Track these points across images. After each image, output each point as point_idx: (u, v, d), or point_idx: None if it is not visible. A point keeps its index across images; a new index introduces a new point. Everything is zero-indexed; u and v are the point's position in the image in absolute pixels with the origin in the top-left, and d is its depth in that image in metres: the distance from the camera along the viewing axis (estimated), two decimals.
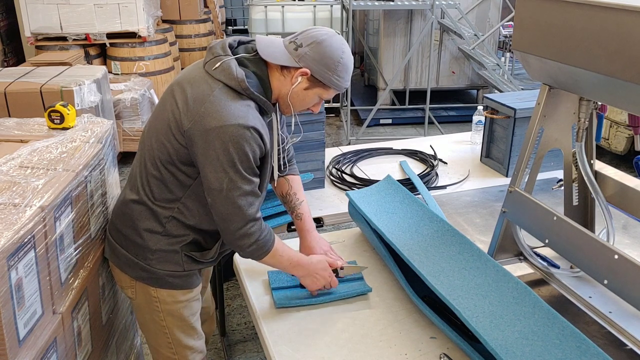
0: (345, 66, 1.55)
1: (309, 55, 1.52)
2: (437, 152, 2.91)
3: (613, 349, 1.53)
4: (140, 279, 1.67)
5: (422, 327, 1.62)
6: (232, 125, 1.45)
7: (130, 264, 1.66)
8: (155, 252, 1.63)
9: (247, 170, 1.50)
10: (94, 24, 5.52)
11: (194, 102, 1.49)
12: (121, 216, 1.67)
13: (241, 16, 10.29)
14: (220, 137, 1.45)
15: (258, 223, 1.56)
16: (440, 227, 1.81)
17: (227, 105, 1.47)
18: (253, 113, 1.50)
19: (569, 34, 1.44)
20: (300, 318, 1.67)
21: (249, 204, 1.52)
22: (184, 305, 1.71)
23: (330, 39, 1.53)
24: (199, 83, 1.53)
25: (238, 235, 1.54)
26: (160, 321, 1.72)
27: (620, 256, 1.42)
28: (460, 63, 6.60)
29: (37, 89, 3.58)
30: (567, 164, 1.84)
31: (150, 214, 1.61)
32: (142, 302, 1.72)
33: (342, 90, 1.62)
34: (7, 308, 1.22)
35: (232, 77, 1.50)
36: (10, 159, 1.61)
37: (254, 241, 1.56)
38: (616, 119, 4.83)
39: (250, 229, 1.54)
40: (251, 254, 1.60)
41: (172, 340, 1.75)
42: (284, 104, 1.61)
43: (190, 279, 1.70)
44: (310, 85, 1.56)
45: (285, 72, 1.56)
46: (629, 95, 1.37)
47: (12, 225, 1.27)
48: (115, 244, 1.70)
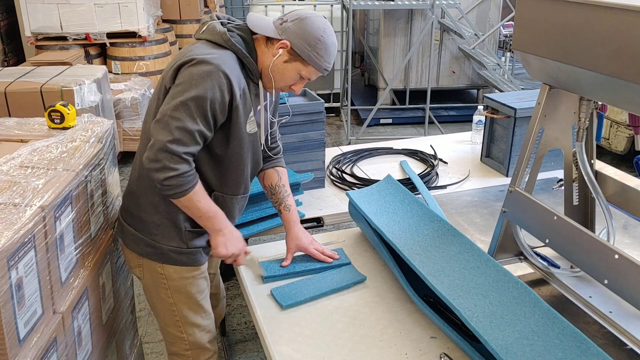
0: (325, 45, 1.60)
1: (291, 29, 1.59)
2: (438, 152, 2.91)
3: (613, 349, 1.53)
4: (146, 255, 1.71)
5: (422, 327, 1.62)
6: (205, 61, 1.50)
7: (136, 240, 1.71)
8: (159, 227, 1.67)
9: (197, 110, 1.49)
10: (94, 23, 5.52)
11: (176, 59, 1.57)
12: (128, 195, 1.74)
13: (241, 16, 10.30)
14: (190, 69, 1.50)
15: (184, 162, 1.50)
16: (441, 226, 1.81)
17: (205, 50, 1.54)
18: (231, 62, 1.55)
19: (569, 34, 1.44)
20: (300, 318, 1.67)
21: (182, 141, 1.48)
22: (190, 281, 1.74)
23: (313, 18, 1.61)
24: (185, 47, 1.63)
25: (160, 166, 1.48)
26: (168, 298, 1.75)
27: (620, 256, 1.42)
28: (461, 63, 6.60)
29: (37, 88, 3.58)
30: (567, 163, 1.84)
31: (152, 187, 1.63)
32: (149, 281, 1.75)
33: (322, 72, 1.66)
34: (7, 308, 1.22)
35: (214, 32, 1.58)
36: (11, 158, 1.61)
37: (172, 175, 1.49)
38: (616, 118, 4.82)
39: (172, 164, 1.48)
40: (168, 190, 1.53)
41: (180, 318, 1.77)
42: (266, 77, 1.66)
43: (194, 256, 1.72)
44: (289, 58, 1.62)
45: (269, 44, 1.63)
46: (629, 95, 1.36)
47: (12, 225, 1.27)
48: (123, 222, 1.76)
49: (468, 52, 6.19)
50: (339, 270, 1.87)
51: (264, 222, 2.20)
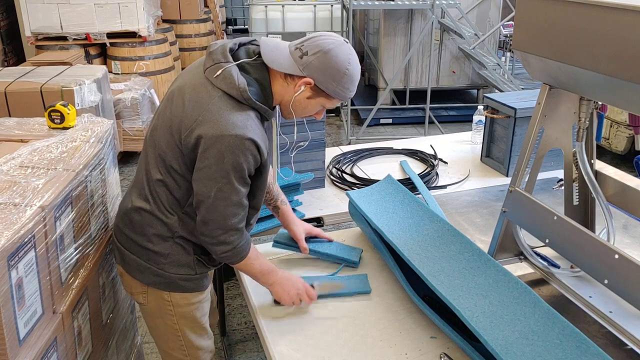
0: (350, 77, 1.51)
1: (314, 64, 1.48)
2: (438, 152, 2.91)
3: (613, 349, 1.53)
4: (152, 284, 1.65)
5: (422, 327, 1.62)
6: (230, 135, 1.42)
7: (142, 269, 1.64)
8: (168, 257, 1.62)
9: (238, 181, 1.47)
10: (94, 23, 5.52)
11: (192, 109, 1.47)
12: (129, 223, 1.64)
13: (241, 16, 10.30)
14: (217, 146, 1.42)
15: (238, 233, 1.55)
16: (441, 226, 1.81)
17: (226, 114, 1.44)
18: (252, 124, 1.46)
19: (569, 34, 1.44)
20: (300, 318, 1.67)
21: (233, 214, 1.51)
22: (196, 306, 1.71)
23: (337, 49, 1.48)
24: (199, 90, 1.49)
25: (215, 241, 1.53)
26: (173, 324, 1.71)
27: (620, 256, 1.42)
28: (461, 63, 6.60)
29: (38, 88, 3.58)
30: (567, 163, 1.84)
31: (159, 220, 1.59)
32: (154, 307, 1.70)
33: (347, 100, 1.60)
34: (8, 308, 1.22)
35: (233, 87, 1.46)
36: (11, 158, 1.61)
37: (229, 249, 1.55)
38: (616, 118, 4.82)
39: (228, 238, 1.53)
40: (224, 259, 1.59)
41: (185, 342, 1.74)
42: (286, 110, 1.58)
43: (201, 281, 1.70)
44: (313, 94, 1.53)
45: (289, 79, 1.52)
46: (629, 95, 1.36)
47: (13, 225, 1.27)
48: (124, 250, 1.67)
49: (468, 52, 6.19)
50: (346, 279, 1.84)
51: (264, 222, 2.20)
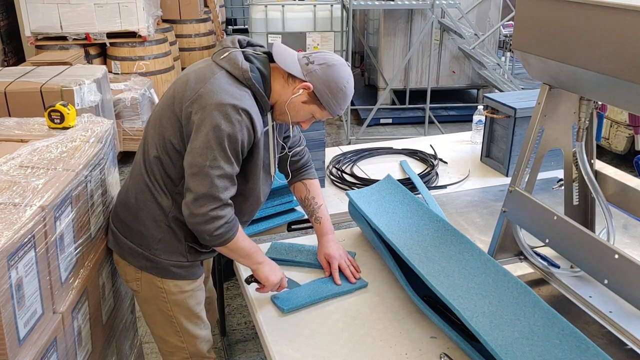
0: (345, 94, 1.62)
1: (317, 73, 1.59)
2: (438, 152, 2.91)
3: (613, 349, 1.53)
4: (145, 269, 1.69)
5: (422, 327, 1.62)
6: (227, 104, 1.49)
7: (135, 254, 1.68)
8: (160, 242, 1.65)
9: (232, 151, 1.52)
10: (94, 23, 5.52)
11: (195, 83, 1.55)
12: (124, 206, 1.70)
13: (241, 15, 10.30)
14: (214, 114, 1.49)
15: (229, 207, 1.56)
16: (440, 226, 1.81)
17: (226, 86, 1.53)
18: (249, 101, 1.54)
19: (569, 34, 1.44)
20: (300, 318, 1.67)
21: (225, 187, 1.53)
22: (189, 295, 1.74)
23: (340, 67, 1.61)
24: (204, 69, 1.59)
25: (208, 218, 1.52)
26: (168, 311, 1.74)
27: (620, 256, 1.42)
28: (461, 62, 6.60)
29: (37, 88, 3.58)
30: (567, 163, 1.84)
31: (153, 200, 1.63)
32: (147, 294, 1.73)
33: (334, 116, 1.70)
34: (7, 308, 1.22)
35: (236, 66, 1.56)
36: (10, 158, 1.61)
37: (222, 224, 1.54)
38: (616, 118, 4.82)
39: (220, 212, 1.53)
40: (217, 239, 1.56)
41: (180, 329, 1.77)
42: (280, 109, 1.65)
43: (193, 269, 1.73)
44: (308, 100, 1.62)
45: (290, 80, 1.62)
46: (629, 95, 1.36)
47: (12, 224, 1.27)
48: (119, 234, 1.72)
49: (468, 52, 6.19)
50: (342, 275, 1.83)
51: (264, 222, 2.20)
